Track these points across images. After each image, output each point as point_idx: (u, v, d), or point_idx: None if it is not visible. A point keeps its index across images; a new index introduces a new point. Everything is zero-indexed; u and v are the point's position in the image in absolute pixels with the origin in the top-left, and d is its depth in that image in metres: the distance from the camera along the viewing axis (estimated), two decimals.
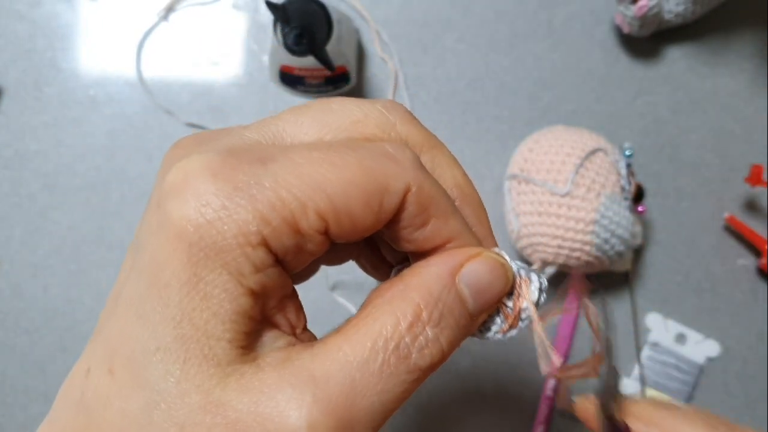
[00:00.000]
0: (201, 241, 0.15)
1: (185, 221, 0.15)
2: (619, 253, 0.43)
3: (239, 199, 0.15)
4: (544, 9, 0.49)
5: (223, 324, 0.15)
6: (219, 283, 0.15)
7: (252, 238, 0.15)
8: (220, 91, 0.48)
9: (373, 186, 0.16)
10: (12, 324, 0.47)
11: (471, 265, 0.18)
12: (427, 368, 0.16)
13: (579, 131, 0.45)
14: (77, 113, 0.48)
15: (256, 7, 0.49)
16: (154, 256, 0.16)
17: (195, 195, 0.15)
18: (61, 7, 0.48)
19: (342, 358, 0.16)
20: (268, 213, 0.15)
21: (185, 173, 0.16)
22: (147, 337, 0.16)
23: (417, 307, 0.17)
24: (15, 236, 0.47)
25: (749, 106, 0.49)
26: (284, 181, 0.16)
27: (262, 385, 0.15)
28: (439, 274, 0.17)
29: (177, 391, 0.15)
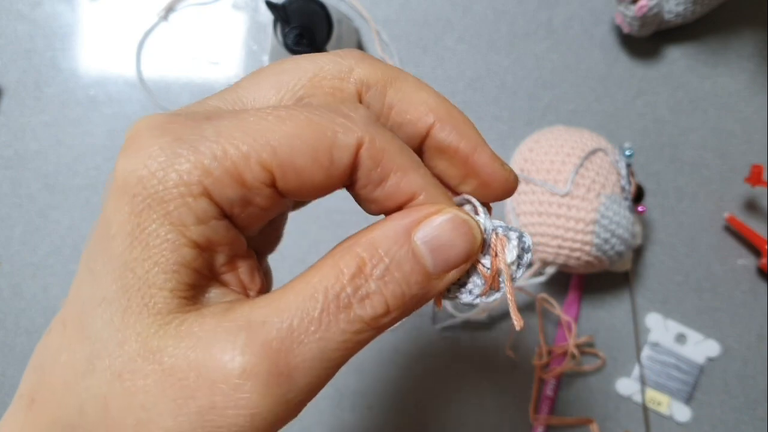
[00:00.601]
0: (144, 191, 0.15)
1: (129, 173, 0.16)
2: (619, 253, 0.43)
3: (182, 150, 0.16)
4: (544, 9, 0.49)
5: (164, 273, 0.16)
6: (161, 233, 0.15)
7: (193, 188, 0.15)
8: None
9: (321, 139, 0.16)
10: (12, 324, 0.47)
11: (430, 221, 0.17)
12: (370, 320, 0.16)
13: (579, 131, 0.45)
14: (77, 113, 0.48)
15: (256, 7, 0.49)
16: (104, 212, 0.16)
17: (139, 148, 0.16)
18: (61, 8, 0.48)
19: (280, 305, 0.16)
20: (209, 163, 0.15)
21: (134, 131, 0.16)
22: (93, 290, 0.16)
23: (360, 260, 0.16)
24: (15, 236, 0.47)
25: (749, 106, 0.49)
26: (228, 134, 0.16)
27: (200, 332, 0.15)
28: (392, 229, 0.17)
29: (116, 339, 0.15)
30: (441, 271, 0.17)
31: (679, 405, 0.47)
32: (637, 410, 0.47)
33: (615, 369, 0.47)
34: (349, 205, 0.27)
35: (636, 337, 0.47)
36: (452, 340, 0.47)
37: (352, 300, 0.16)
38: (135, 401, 0.15)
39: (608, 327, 0.48)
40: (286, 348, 0.15)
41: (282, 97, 0.18)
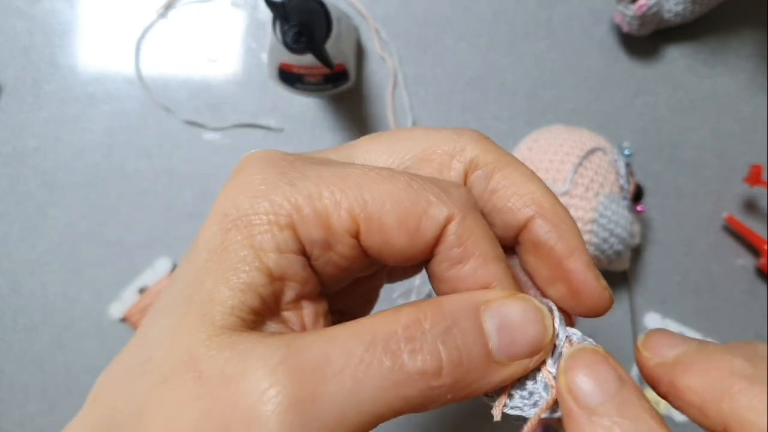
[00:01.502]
0: (235, 213, 0.16)
1: (228, 198, 0.17)
2: (618, 253, 0.43)
3: (281, 184, 0.17)
4: (544, 8, 0.49)
5: (230, 290, 0.16)
6: (239, 253, 0.16)
7: (281, 219, 0.16)
8: (218, 89, 0.48)
9: (412, 205, 0.16)
10: (10, 321, 0.47)
11: (502, 302, 0.16)
12: (417, 374, 0.15)
13: (578, 130, 0.45)
14: (76, 110, 0.48)
15: (255, 5, 0.49)
16: (199, 234, 0.17)
17: (245, 177, 0.17)
18: (60, 4, 0.48)
19: (324, 336, 0.15)
20: (301, 201, 0.16)
21: (246, 161, 0.18)
22: (163, 297, 0.17)
23: (422, 313, 0.16)
24: (13, 233, 0.47)
25: (749, 105, 0.49)
26: (327, 178, 0.17)
27: (245, 351, 0.15)
28: (462, 299, 0.16)
29: (167, 345, 0.16)
30: (504, 357, 0.16)
31: None
32: None
33: None
34: None
35: (634, 336, 0.47)
36: None
37: (402, 347, 0.15)
38: (166, 407, 0.15)
39: (606, 326, 0.47)
40: (318, 376, 0.14)
41: (391, 163, 0.19)
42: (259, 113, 0.48)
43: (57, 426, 0.47)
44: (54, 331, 0.47)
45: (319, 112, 0.49)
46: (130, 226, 0.48)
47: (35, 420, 0.47)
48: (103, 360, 0.47)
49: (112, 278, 0.47)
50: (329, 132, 0.48)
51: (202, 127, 0.48)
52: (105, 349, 0.47)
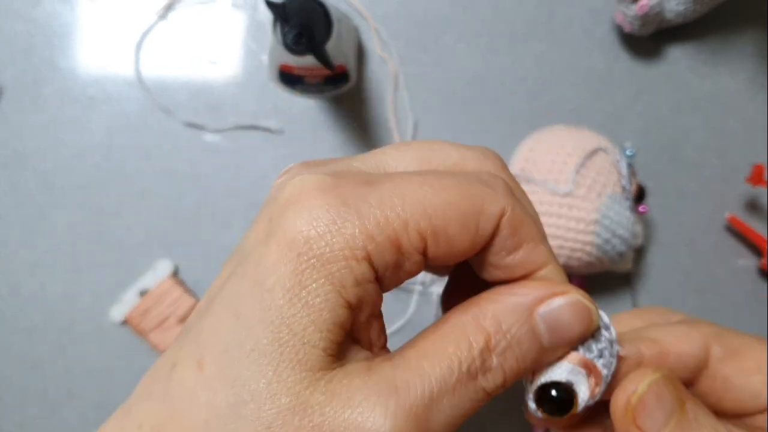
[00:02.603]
0: (309, 252, 0.16)
1: (296, 232, 0.16)
2: (620, 254, 0.43)
3: (348, 215, 0.17)
4: (544, 8, 0.49)
5: (320, 332, 0.16)
6: (321, 293, 0.16)
7: (357, 252, 0.16)
8: (218, 91, 0.48)
9: (470, 208, 0.17)
10: (10, 323, 0.47)
11: (552, 300, 0.18)
12: (491, 390, 0.17)
13: (580, 131, 0.45)
14: (76, 112, 0.48)
15: (255, 6, 0.49)
16: (260, 262, 0.17)
17: (308, 209, 0.17)
18: (60, 7, 0.48)
19: (422, 372, 0.17)
20: (373, 230, 0.17)
21: (299, 190, 0.17)
22: (243, 337, 0.16)
23: (487, 335, 0.17)
24: (13, 235, 0.47)
25: (750, 105, 0.49)
26: (389, 201, 0.17)
27: (349, 391, 0.16)
28: (516, 306, 0.18)
29: (267, 391, 0.16)
30: (555, 347, 0.18)
31: None
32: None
33: None
34: None
35: None
36: None
37: (479, 372, 0.17)
38: None
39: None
40: (427, 413, 0.16)
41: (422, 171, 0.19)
42: (260, 115, 0.48)
43: (57, 428, 0.47)
44: (54, 334, 0.47)
45: (319, 114, 0.48)
46: (131, 228, 0.47)
47: (35, 422, 0.47)
48: (104, 363, 0.47)
49: (113, 280, 0.47)
50: (330, 133, 0.48)
51: (202, 128, 0.48)
52: (105, 352, 0.47)
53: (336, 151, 0.48)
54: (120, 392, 0.47)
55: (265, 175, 0.48)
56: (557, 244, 0.42)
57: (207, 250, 0.47)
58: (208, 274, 0.47)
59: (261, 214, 0.18)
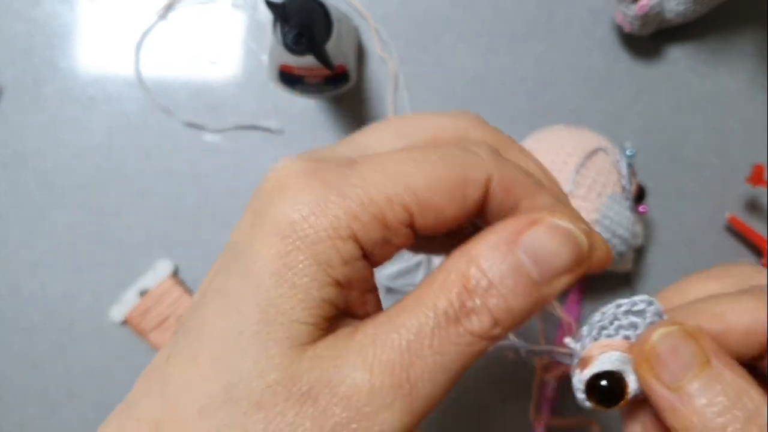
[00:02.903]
0: (294, 234, 0.17)
1: (281, 217, 0.17)
2: (621, 254, 0.43)
3: (331, 196, 0.17)
4: (544, 8, 0.49)
5: (308, 310, 0.16)
6: (308, 273, 0.16)
7: (342, 232, 0.17)
8: (218, 90, 0.48)
9: (455, 177, 0.18)
10: (10, 323, 0.47)
11: (530, 232, 0.17)
12: (479, 333, 0.17)
13: (580, 131, 0.45)
14: (76, 112, 0.48)
15: (255, 6, 0.49)
16: (247, 250, 0.17)
17: (291, 194, 0.17)
18: (60, 7, 0.48)
19: (398, 324, 0.17)
20: (357, 208, 0.17)
21: (283, 176, 0.18)
22: (232, 322, 0.17)
23: (465, 277, 0.17)
24: (13, 235, 0.47)
25: (750, 105, 0.49)
26: (371, 179, 0.17)
27: (334, 353, 0.16)
28: (493, 242, 0.17)
29: (255, 370, 0.16)
30: (548, 278, 0.17)
31: None
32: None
33: None
34: None
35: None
36: None
37: (460, 315, 0.17)
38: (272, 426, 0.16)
39: None
40: (406, 363, 0.16)
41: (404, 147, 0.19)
42: (260, 115, 0.48)
43: (57, 428, 0.47)
44: (54, 334, 0.47)
45: (319, 114, 0.48)
46: (131, 228, 0.47)
47: (35, 422, 0.47)
48: (104, 363, 0.47)
49: (113, 280, 0.47)
50: (330, 133, 0.48)
51: (202, 128, 0.48)
52: (105, 352, 0.47)
53: None
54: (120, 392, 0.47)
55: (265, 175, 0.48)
56: None
57: (207, 250, 0.47)
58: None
59: (248, 205, 0.19)
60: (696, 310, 0.20)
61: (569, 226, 0.18)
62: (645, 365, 0.18)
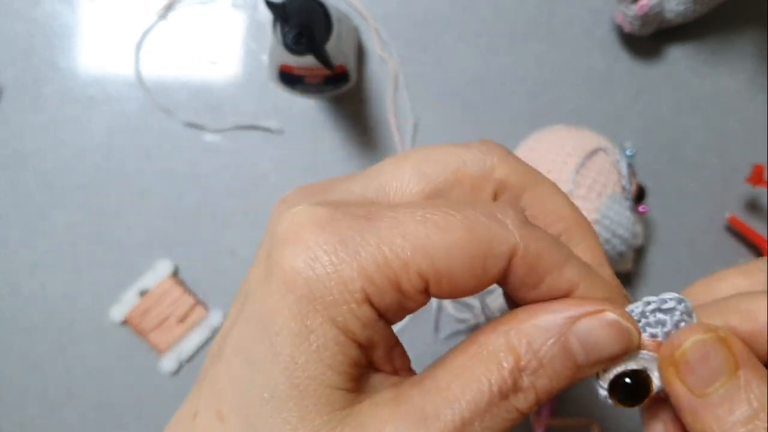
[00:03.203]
0: (310, 294, 0.16)
1: (295, 273, 0.16)
2: (621, 254, 0.43)
3: (345, 255, 0.16)
4: (544, 8, 0.49)
5: (338, 374, 0.16)
6: (331, 337, 0.16)
7: (357, 295, 0.16)
8: (218, 91, 0.48)
9: (477, 249, 0.17)
10: (10, 323, 0.47)
11: (588, 320, 0.17)
12: (524, 409, 0.17)
13: (580, 131, 0.45)
14: (76, 112, 0.48)
15: (255, 6, 0.49)
16: (263, 303, 0.16)
17: (304, 247, 0.16)
18: (60, 7, 0.48)
19: (451, 397, 0.16)
20: (372, 271, 0.16)
21: (296, 225, 0.17)
22: (259, 384, 0.16)
23: (516, 355, 0.17)
24: (13, 235, 0.47)
25: (750, 105, 0.49)
26: (388, 239, 0.16)
27: (378, 423, 0.16)
28: (548, 325, 0.17)
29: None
30: (591, 365, 0.17)
31: None
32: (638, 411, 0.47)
33: None
34: None
35: None
36: (452, 342, 0.47)
37: (510, 392, 0.17)
38: None
39: None
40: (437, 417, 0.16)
41: (424, 188, 0.19)
42: (260, 115, 0.48)
43: (57, 428, 0.47)
44: (54, 334, 0.47)
45: (319, 114, 0.48)
46: (131, 228, 0.47)
47: (35, 422, 0.47)
48: (104, 363, 0.47)
49: (113, 280, 0.47)
50: (330, 133, 0.48)
51: (202, 128, 0.48)
52: (105, 352, 0.47)
53: (336, 151, 0.48)
54: (120, 392, 0.47)
55: (265, 175, 0.48)
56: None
57: (207, 250, 0.47)
58: (208, 274, 0.47)
59: (260, 247, 0.18)
60: (725, 308, 0.19)
61: (626, 324, 0.17)
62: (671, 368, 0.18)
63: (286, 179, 0.48)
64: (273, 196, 0.43)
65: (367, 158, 0.48)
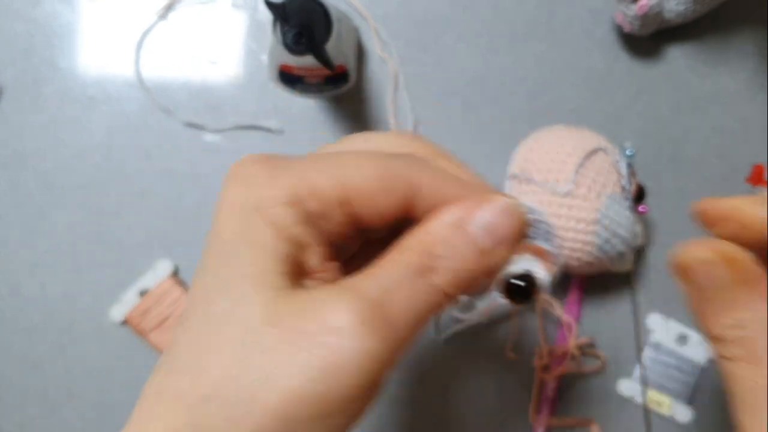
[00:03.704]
0: (248, 204, 0.20)
1: (236, 193, 0.21)
2: (620, 254, 0.43)
3: (277, 174, 0.21)
4: (544, 8, 0.49)
5: (275, 262, 0.20)
6: (267, 233, 0.20)
7: (285, 200, 0.20)
8: (218, 91, 0.48)
9: (383, 167, 0.21)
10: (10, 323, 0.47)
11: (483, 210, 0.21)
12: (443, 285, 0.20)
13: (579, 131, 0.45)
14: (76, 112, 0.48)
15: (255, 6, 0.49)
16: (215, 225, 0.21)
17: (245, 174, 0.21)
18: (60, 7, 0.48)
19: (375, 275, 0.20)
20: (298, 182, 0.20)
21: (239, 165, 0.22)
22: (212, 283, 0.20)
23: (428, 245, 0.21)
24: (13, 235, 0.47)
25: (750, 105, 0.49)
26: (312, 166, 0.21)
27: (312, 299, 0.19)
28: (450, 220, 0.21)
29: (239, 315, 0.19)
30: (494, 248, 0.21)
31: (681, 406, 0.46)
32: (638, 411, 0.47)
33: (616, 370, 0.47)
34: None
35: (637, 337, 0.47)
36: (452, 341, 0.47)
37: (426, 272, 0.20)
38: (256, 361, 0.18)
39: (609, 327, 0.47)
40: (383, 303, 0.19)
41: None
42: (260, 115, 0.48)
43: (57, 428, 0.47)
44: (54, 334, 0.47)
45: (319, 114, 0.48)
46: (131, 228, 0.47)
47: (35, 422, 0.47)
48: (104, 363, 0.47)
49: (113, 280, 0.47)
50: (330, 133, 0.48)
51: (202, 128, 0.48)
52: (105, 352, 0.47)
53: None
54: (120, 392, 0.47)
55: None
56: (557, 244, 0.42)
57: None
58: None
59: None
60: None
61: (517, 204, 0.22)
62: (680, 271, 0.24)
63: None
64: None
65: None
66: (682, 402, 0.46)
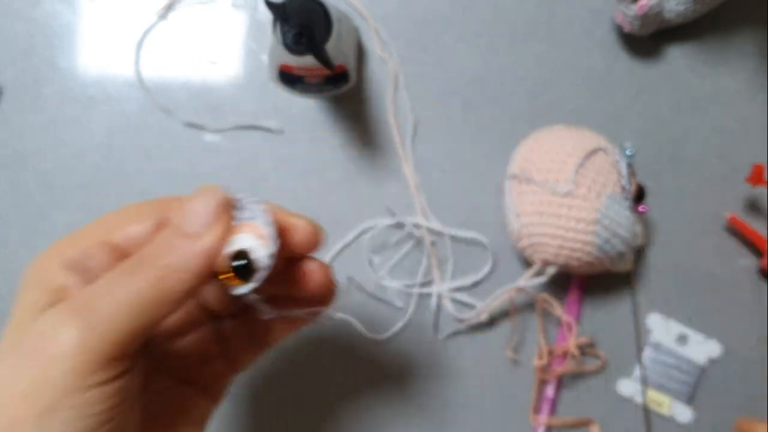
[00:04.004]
0: (29, 276, 0.29)
1: (26, 274, 0.29)
2: (620, 254, 0.43)
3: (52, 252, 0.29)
4: (544, 8, 0.49)
5: (42, 294, 0.26)
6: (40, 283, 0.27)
7: (56, 265, 0.28)
8: (218, 91, 0.48)
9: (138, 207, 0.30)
10: None
11: (180, 207, 0.26)
12: (152, 279, 0.24)
13: (579, 131, 0.45)
14: (76, 112, 0.48)
15: (255, 6, 0.49)
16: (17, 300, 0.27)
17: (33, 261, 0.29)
18: (60, 7, 0.48)
19: (94, 284, 0.24)
20: (65, 245, 0.29)
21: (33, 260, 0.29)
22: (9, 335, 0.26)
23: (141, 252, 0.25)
24: (13, 235, 0.47)
25: (750, 105, 0.49)
26: (75, 233, 0.30)
27: (42, 314, 0.24)
28: (150, 227, 0.27)
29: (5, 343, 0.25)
30: (198, 227, 0.25)
31: (681, 406, 0.46)
32: (638, 411, 0.47)
33: (616, 370, 0.47)
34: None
35: (637, 337, 0.47)
36: (452, 341, 0.47)
37: (132, 271, 0.24)
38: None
39: (609, 327, 0.47)
40: (87, 298, 0.24)
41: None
42: (260, 115, 0.48)
43: None
44: None
45: (319, 114, 0.48)
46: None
47: None
48: None
49: None
50: (330, 133, 0.48)
51: (202, 128, 0.48)
52: None
53: (336, 151, 0.48)
54: None
55: (265, 175, 0.48)
56: (557, 244, 0.42)
57: None
58: None
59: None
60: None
61: (208, 185, 0.27)
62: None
63: (286, 179, 0.48)
64: (273, 196, 0.43)
65: (367, 158, 0.48)
66: (682, 402, 0.46)
